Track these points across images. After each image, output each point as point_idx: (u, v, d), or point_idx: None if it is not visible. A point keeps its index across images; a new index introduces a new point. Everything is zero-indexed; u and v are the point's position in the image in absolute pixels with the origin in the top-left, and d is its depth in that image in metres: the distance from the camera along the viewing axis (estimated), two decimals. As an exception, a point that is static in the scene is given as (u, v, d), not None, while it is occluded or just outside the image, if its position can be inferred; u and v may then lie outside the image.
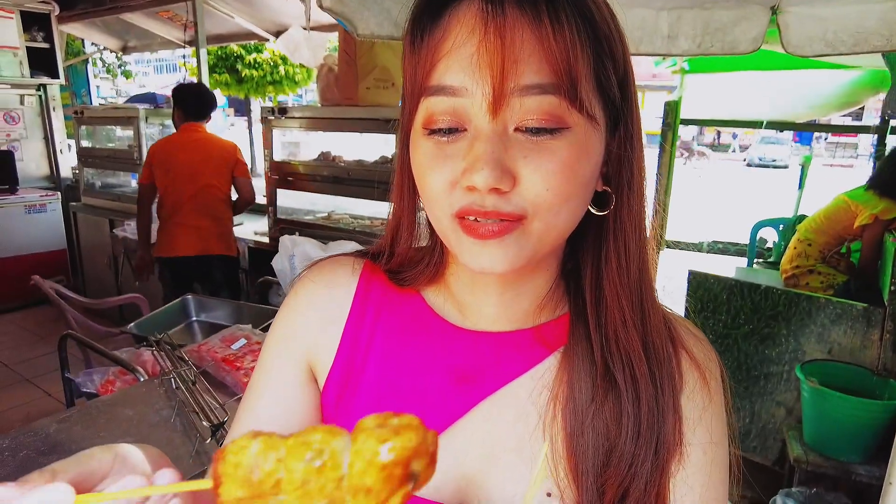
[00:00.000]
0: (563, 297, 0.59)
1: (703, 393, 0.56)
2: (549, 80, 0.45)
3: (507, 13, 0.44)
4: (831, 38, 1.96)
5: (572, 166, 0.48)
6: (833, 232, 2.98)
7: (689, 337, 0.59)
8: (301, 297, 0.64)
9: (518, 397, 0.56)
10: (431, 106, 0.49)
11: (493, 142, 0.46)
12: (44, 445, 1.28)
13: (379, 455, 0.31)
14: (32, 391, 3.52)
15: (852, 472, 2.16)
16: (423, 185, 0.51)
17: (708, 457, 0.55)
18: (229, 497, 0.32)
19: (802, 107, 4.02)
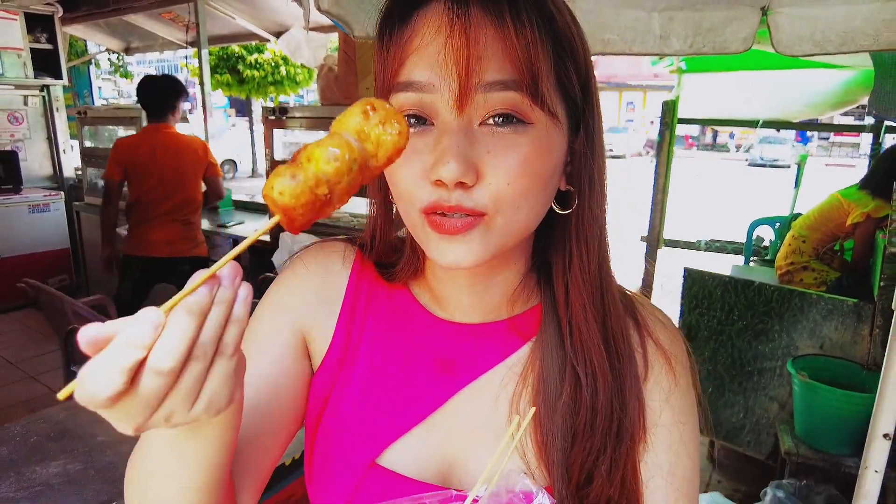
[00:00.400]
0: (535, 289, 0.63)
1: (668, 377, 0.60)
2: (511, 76, 0.48)
3: (472, 14, 0.47)
4: (819, 38, 2.00)
5: (533, 162, 0.49)
6: (826, 229, 3.02)
7: (656, 323, 0.62)
8: (298, 276, 0.66)
9: (495, 384, 0.60)
10: (400, 101, 0.51)
11: (458, 136, 0.48)
12: (53, 431, 1.32)
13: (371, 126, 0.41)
14: (36, 388, 3.56)
15: (842, 465, 2.20)
16: (392, 180, 0.53)
17: (674, 436, 0.58)
18: (297, 213, 0.38)
19: (799, 106, 4.06)
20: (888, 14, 1.84)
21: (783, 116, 4.14)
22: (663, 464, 0.58)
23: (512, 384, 0.59)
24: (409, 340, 0.63)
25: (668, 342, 0.61)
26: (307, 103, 17.74)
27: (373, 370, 0.63)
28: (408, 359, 0.62)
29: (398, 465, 0.59)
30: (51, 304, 2.62)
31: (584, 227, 0.57)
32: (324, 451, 0.62)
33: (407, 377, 0.62)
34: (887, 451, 1.19)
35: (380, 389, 0.62)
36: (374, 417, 0.61)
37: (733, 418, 2.75)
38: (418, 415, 0.60)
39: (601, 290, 0.58)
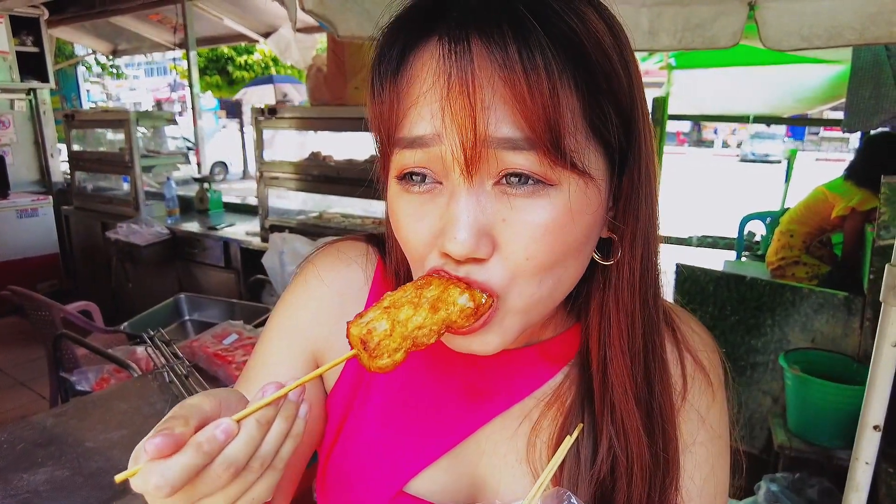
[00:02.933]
0: (569, 313, 0.58)
1: (706, 394, 0.57)
2: (526, 134, 0.39)
3: (475, 56, 0.39)
4: (807, 32, 2.01)
5: (559, 229, 0.42)
6: (813, 223, 3.03)
7: (693, 337, 0.59)
8: (311, 292, 0.60)
9: (527, 413, 0.57)
10: (405, 160, 0.44)
11: (468, 203, 0.41)
12: (41, 439, 1.30)
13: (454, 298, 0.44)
14: (26, 394, 3.53)
15: (834, 457, 2.21)
16: (401, 241, 0.49)
17: (711, 451, 0.57)
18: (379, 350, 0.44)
19: (789, 101, 4.08)
20: (873, 8, 1.85)
21: (773, 111, 4.16)
22: (695, 477, 0.57)
23: (545, 413, 0.57)
24: (437, 364, 0.59)
25: (706, 357, 0.59)
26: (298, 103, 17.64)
27: (396, 395, 0.59)
28: (436, 384, 0.59)
29: (426, 493, 0.57)
30: (37, 311, 2.60)
31: (623, 283, 0.50)
32: (343, 476, 0.60)
33: (435, 404, 0.58)
34: (878, 442, 1.20)
35: (405, 415, 0.59)
36: (399, 444, 0.58)
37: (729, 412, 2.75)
38: (447, 443, 0.57)
39: (644, 359, 0.52)
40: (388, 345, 0.44)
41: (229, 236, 3.78)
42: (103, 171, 4.91)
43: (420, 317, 0.44)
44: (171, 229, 4.03)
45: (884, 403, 1.18)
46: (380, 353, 0.43)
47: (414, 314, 0.44)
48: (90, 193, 5.03)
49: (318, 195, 3.54)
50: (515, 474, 0.56)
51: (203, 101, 4.53)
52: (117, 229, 4.07)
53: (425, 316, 0.44)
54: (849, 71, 3.56)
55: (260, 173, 3.48)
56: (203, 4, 4.54)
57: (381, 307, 0.45)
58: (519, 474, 0.56)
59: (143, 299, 3.33)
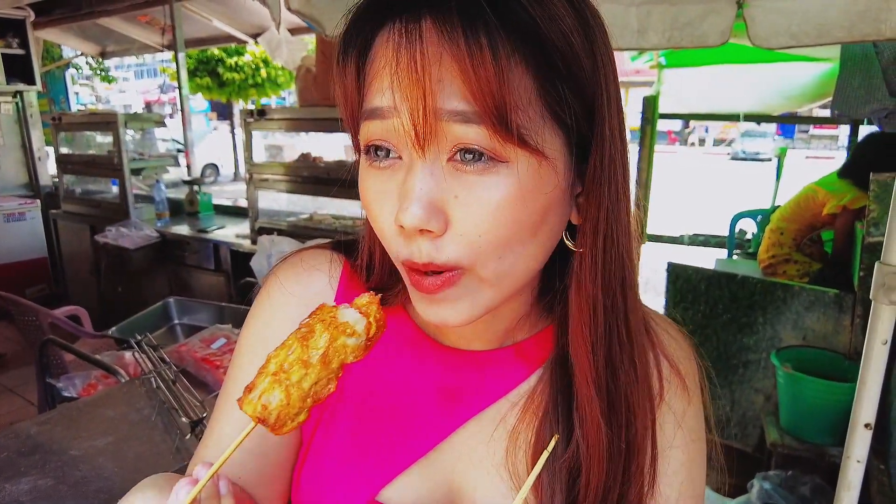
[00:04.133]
0: (544, 313, 0.58)
1: (682, 398, 0.57)
2: (473, 107, 0.40)
3: (424, 33, 0.40)
4: (795, 30, 2.02)
5: (511, 207, 0.42)
6: (803, 220, 3.04)
7: (670, 341, 0.59)
8: (273, 303, 0.60)
9: (502, 416, 0.56)
10: (368, 131, 0.45)
11: (421, 175, 0.42)
12: (24, 447, 1.28)
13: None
14: (14, 400, 3.49)
15: (826, 454, 2.22)
16: (371, 220, 0.49)
17: (687, 455, 0.57)
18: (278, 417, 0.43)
19: (779, 99, 4.10)
20: (861, 6, 1.85)
21: (763, 110, 4.18)
22: (674, 483, 0.56)
23: (521, 415, 0.56)
24: (409, 368, 0.58)
25: (682, 360, 0.58)
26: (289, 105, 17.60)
27: (367, 400, 0.58)
28: (408, 388, 0.58)
29: (399, 501, 0.55)
30: (24, 316, 2.56)
31: (590, 272, 0.50)
32: (315, 486, 0.58)
33: (407, 407, 0.57)
34: (869, 440, 1.20)
35: (377, 420, 0.57)
36: (371, 450, 0.57)
37: (720, 411, 2.76)
38: (420, 449, 0.56)
39: (608, 351, 0.51)
40: (289, 412, 0.43)
41: (219, 239, 3.76)
42: (92, 174, 4.86)
43: (313, 374, 0.43)
44: (161, 232, 4.00)
45: (875, 401, 1.18)
46: (282, 422, 0.43)
47: (307, 373, 0.43)
48: (79, 197, 4.98)
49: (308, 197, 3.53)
50: (492, 480, 0.55)
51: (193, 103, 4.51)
52: (106, 233, 4.03)
53: (318, 370, 0.43)
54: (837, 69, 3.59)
55: (249, 175, 3.45)
56: (191, 5, 4.51)
57: (268, 373, 0.43)
58: (496, 480, 0.55)
59: (132, 303, 3.30)
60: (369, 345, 0.46)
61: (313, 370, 0.43)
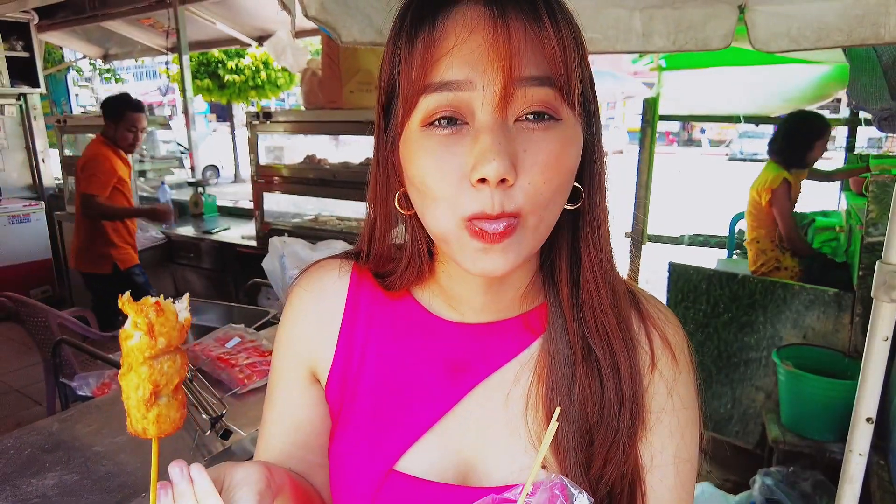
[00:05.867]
0: (541, 287, 0.63)
1: (672, 367, 0.61)
2: (547, 73, 0.49)
3: (510, 14, 0.48)
4: (795, 34, 2.05)
5: (563, 158, 0.50)
6: (766, 222, 3.12)
7: (659, 315, 0.63)
8: (295, 308, 0.68)
9: (507, 381, 0.60)
10: (434, 102, 0.50)
11: (498, 133, 0.48)
12: (47, 444, 1.31)
13: None
14: (23, 401, 3.51)
15: (827, 451, 2.25)
16: (426, 188, 0.51)
17: (679, 420, 0.61)
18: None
19: (777, 101, 4.13)
20: (860, 10, 1.89)
21: (762, 111, 4.21)
22: (668, 446, 0.60)
23: (524, 379, 0.60)
24: (418, 346, 0.63)
25: (672, 334, 0.62)
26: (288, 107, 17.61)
27: (382, 379, 0.63)
28: (418, 364, 0.62)
29: (416, 469, 0.59)
30: (33, 317, 2.59)
31: (596, 220, 0.58)
32: (340, 460, 0.63)
33: (418, 382, 0.62)
34: (870, 434, 1.23)
35: (391, 397, 0.62)
36: (387, 425, 0.61)
37: (721, 409, 2.80)
38: (431, 417, 0.60)
39: (611, 278, 0.59)
40: (167, 420, 0.52)
41: (225, 240, 3.79)
42: (96, 176, 4.87)
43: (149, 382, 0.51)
44: (166, 234, 4.03)
45: (876, 396, 1.22)
46: (167, 427, 0.53)
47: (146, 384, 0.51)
48: (83, 199, 5.00)
49: (312, 198, 3.56)
50: (507, 441, 0.59)
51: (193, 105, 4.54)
52: (111, 234, 4.05)
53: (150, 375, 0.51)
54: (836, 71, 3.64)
55: (255, 177, 3.49)
56: (195, 9, 4.54)
57: (131, 406, 0.52)
58: (503, 444, 0.59)
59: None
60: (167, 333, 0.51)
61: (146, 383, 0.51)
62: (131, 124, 3.15)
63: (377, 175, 0.60)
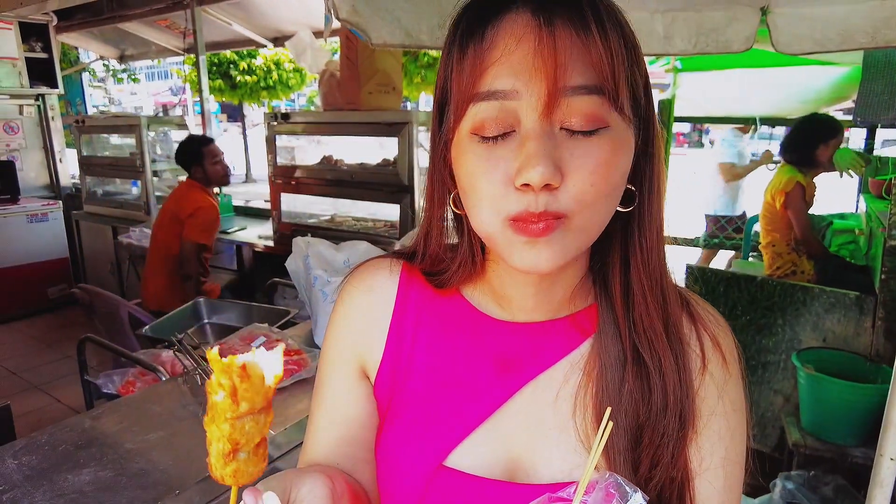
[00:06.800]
0: (591, 287, 0.64)
1: (723, 369, 0.62)
2: (594, 82, 0.49)
3: (556, 23, 0.49)
4: (819, 36, 2.04)
5: (611, 163, 0.51)
6: (782, 225, 3.11)
7: (709, 317, 0.64)
8: (346, 305, 0.69)
9: (557, 380, 0.61)
10: (482, 111, 0.51)
11: (544, 140, 0.49)
12: (80, 440, 1.33)
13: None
14: (42, 398, 3.55)
15: (848, 455, 2.24)
16: (473, 189, 0.53)
17: (730, 423, 0.61)
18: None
19: (793, 103, 4.11)
20: (886, 12, 1.88)
21: (778, 113, 4.19)
22: (718, 449, 0.60)
23: (574, 379, 0.61)
24: (468, 343, 0.64)
25: (722, 336, 0.63)
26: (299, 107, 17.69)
27: (432, 376, 0.64)
28: (467, 360, 0.63)
29: (465, 464, 0.60)
30: (105, 309, 2.64)
31: (647, 224, 0.58)
32: (389, 455, 0.64)
33: (467, 378, 0.63)
34: (901, 439, 1.23)
35: (441, 394, 0.63)
36: (437, 421, 0.62)
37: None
38: (481, 414, 0.61)
39: (661, 283, 0.59)
40: (248, 469, 0.51)
41: (242, 240, 3.82)
42: (114, 175, 4.94)
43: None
44: (183, 233, 4.05)
45: (907, 400, 1.21)
46: (249, 473, 0.51)
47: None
48: (100, 198, 5.06)
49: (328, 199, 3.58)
50: (549, 443, 0.60)
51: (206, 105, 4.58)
52: (130, 233, 4.10)
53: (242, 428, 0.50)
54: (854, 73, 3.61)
55: (273, 178, 3.51)
56: (212, 10, 4.57)
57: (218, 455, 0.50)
58: (553, 443, 0.60)
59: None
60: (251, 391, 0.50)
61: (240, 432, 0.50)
62: (214, 157, 3.18)
63: (432, 177, 0.62)
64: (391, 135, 2.93)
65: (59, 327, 4.69)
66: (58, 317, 4.92)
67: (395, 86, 3.07)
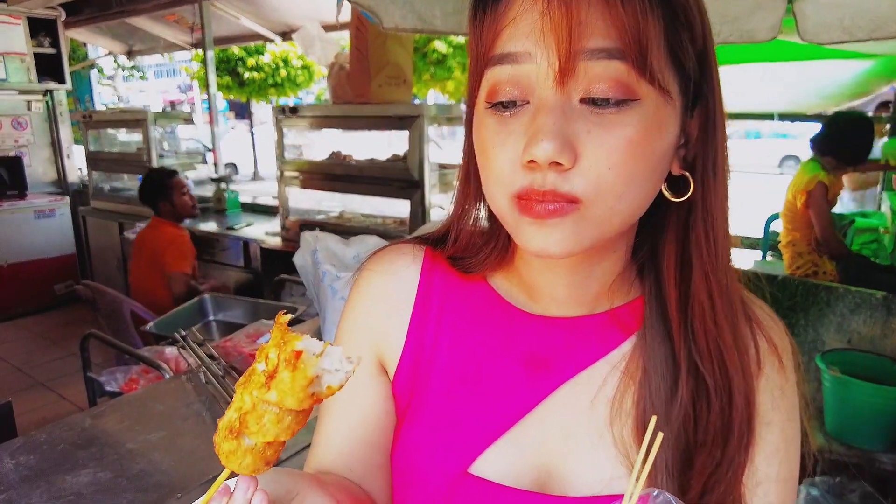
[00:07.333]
0: (636, 279, 0.57)
1: (780, 376, 0.55)
2: (616, 44, 0.42)
3: None
4: (848, 24, 1.97)
5: (640, 144, 0.44)
6: (804, 224, 3.02)
7: (766, 318, 0.57)
8: (364, 291, 0.63)
9: (595, 383, 0.55)
10: (494, 76, 0.47)
11: (555, 113, 0.43)
12: (80, 440, 1.28)
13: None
14: (47, 395, 3.52)
15: (875, 461, 2.16)
16: (484, 165, 0.49)
17: (785, 434, 0.55)
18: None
19: (813, 97, 4.02)
20: (921, -1, 1.80)
21: (797, 109, 4.10)
22: (773, 462, 0.54)
23: (613, 382, 0.54)
24: (495, 337, 0.58)
25: (778, 338, 0.57)
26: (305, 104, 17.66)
27: (456, 373, 0.58)
28: (495, 357, 0.57)
29: (492, 473, 0.54)
30: (109, 306, 2.60)
31: (710, 218, 0.51)
32: (408, 459, 0.58)
33: (495, 376, 0.57)
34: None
35: (466, 393, 0.57)
36: (461, 423, 0.56)
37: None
38: (510, 417, 0.55)
39: (727, 285, 0.52)
40: (261, 458, 0.43)
41: (248, 236, 3.77)
42: (120, 171, 4.91)
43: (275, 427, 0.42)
44: (189, 229, 4.02)
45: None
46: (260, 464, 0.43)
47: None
48: (107, 194, 5.04)
49: (336, 195, 3.53)
50: (584, 452, 0.54)
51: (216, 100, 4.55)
52: (136, 229, 4.05)
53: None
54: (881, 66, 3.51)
55: (280, 173, 3.46)
56: (220, 4, 4.53)
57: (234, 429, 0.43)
58: (588, 452, 0.54)
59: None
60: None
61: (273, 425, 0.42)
62: (181, 188, 3.13)
63: (467, 156, 0.56)
64: (402, 128, 2.86)
65: (65, 324, 4.66)
66: (64, 313, 4.90)
67: (405, 78, 3.01)
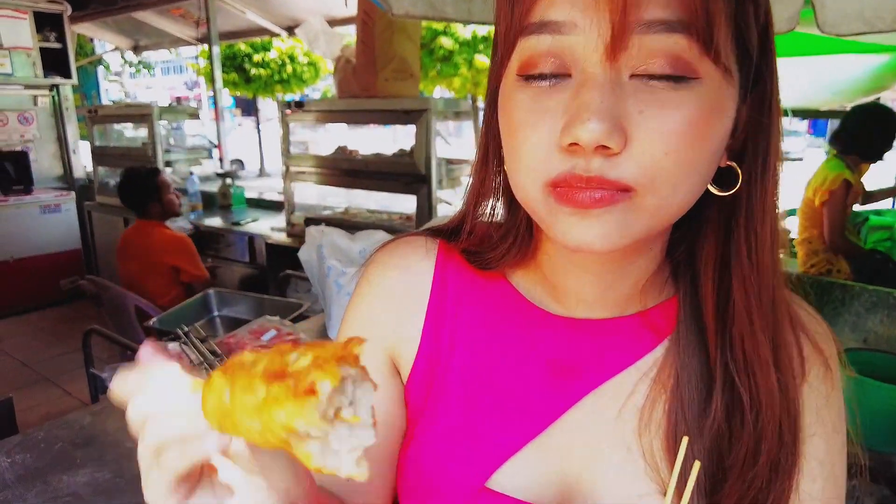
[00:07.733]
0: (669, 278, 0.53)
1: (826, 382, 0.51)
2: (679, 16, 0.37)
3: None
4: (869, 14, 1.91)
5: (699, 127, 0.39)
6: (817, 222, 2.98)
7: (811, 320, 0.53)
8: (374, 285, 0.58)
9: (623, 392, 0.51)
10: (530, 47, 0.41)
11: (604, 89, 0.38)
12: (79, 438, 1.25)
13: None
14: (52, 390, 3.51)
15: (893, 464, 2.10)
16: (512, 145, 0.43)
17: (831, 446, 0.51)
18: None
19: (826, 93, 3.95)
20: (946, -12, 1.74)
21: (809, 105, 4.03)
22: (817, 477, 0.50)
23: (643, 391, 0.50)
24: (517, 341, 0.53)
25: (823, 341, 0.52)
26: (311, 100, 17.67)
27: (473, 378, 0.54)
28: (516, 361, 0.53)
29: (511, 487, 0.50)
30: (113, 301, 2.57)
31: (756, 216, 0.46)
32: (420, 471, 0.54)
33: (516, 382, 0.52)
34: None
35: (485, 401, 0.53)
36: (479, 434, 0.52)
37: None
38: (532, 429, 0.51)
39: (772, 293, 0.47)
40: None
41: (254, 232, 3.75)
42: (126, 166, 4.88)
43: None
44: (195, 224, 4.00)
45: None
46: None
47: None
48: (113, 189, 5.01)
49: (341, 191, 3.49)
50: (612, 466, 0.50)
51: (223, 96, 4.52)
52: (141, 225, 4.03)
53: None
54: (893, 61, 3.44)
55: (286, 168, 3.42)
56: (226, -2, 4.51)
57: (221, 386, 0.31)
58: (616, 466, 0.50)
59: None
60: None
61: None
62: (168, 187, 3.01)
63: (486, 137, 0.51)
64: (408, 123, 2.82)
65: (70, 319, 4.66)
66: (70, 309, 4.90)
67: (412, 72, 2.97)
